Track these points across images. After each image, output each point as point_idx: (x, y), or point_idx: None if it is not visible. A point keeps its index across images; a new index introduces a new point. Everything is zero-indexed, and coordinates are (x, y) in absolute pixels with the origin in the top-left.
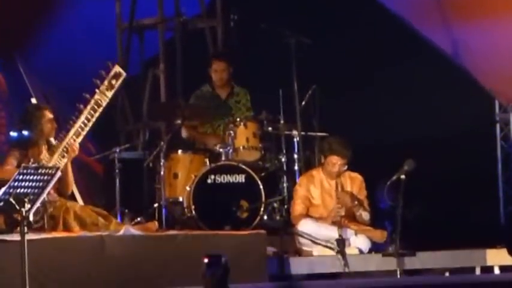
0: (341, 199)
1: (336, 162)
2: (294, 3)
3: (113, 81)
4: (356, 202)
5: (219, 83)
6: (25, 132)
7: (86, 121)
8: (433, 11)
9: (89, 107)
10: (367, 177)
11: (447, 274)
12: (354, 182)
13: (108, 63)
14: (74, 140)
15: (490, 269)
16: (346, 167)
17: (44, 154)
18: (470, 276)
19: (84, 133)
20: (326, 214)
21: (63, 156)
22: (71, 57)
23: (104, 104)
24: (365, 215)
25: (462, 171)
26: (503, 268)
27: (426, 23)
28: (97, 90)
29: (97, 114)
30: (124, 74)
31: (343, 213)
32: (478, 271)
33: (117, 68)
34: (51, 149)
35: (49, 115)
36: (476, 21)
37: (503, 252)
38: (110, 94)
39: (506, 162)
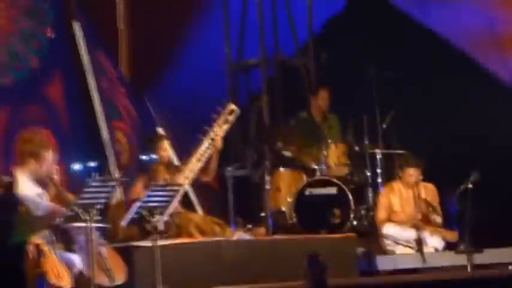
0: (417, 205)
1: (412, 174)
2: (375, 41)
3: (228, 117)
4: (430, 208)
5: (323, 109)
6: (153, 156)
7: (205, 149)
8: (491, 44)
9: (208, 137)
10: (439, 186)
11: (511, 267)
12: (428, 191)
13: (224, 101)
14: (196, 165)
15: None
16: (420, 178)
17: (164, 175)
18: None
19: (203, 159)
20: (405, 219)
21: (187, 177)
22: (189, 91)
23: (220, 135)
24: (438, 219)
25: None
26: None
27: (485, 54)
28: (215, 124)
29: (214, 143)
30: (237, 110)
31: (419, 218)
32: None
33: (231, 106)
34: (177, 170)
35: (166, 146)
36: None
37: None
38: (225, 127)
39: None
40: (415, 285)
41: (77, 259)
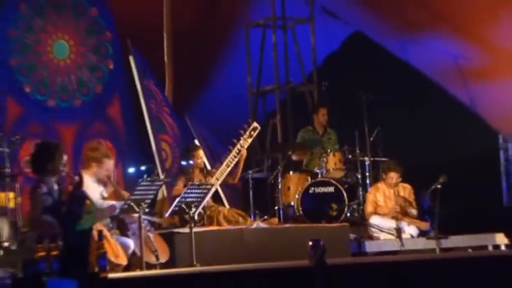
0: (397, 201)
1: (393, 176)
2: (364, 72)
3: (252, 132)
4: (407, 203)
5: (323, 123)
6: (191, 162)
7: (233, 157)
8: (455, 75)
9: (236, 148)
10: (415, 186)
11: (470, 250)
12: (405, 190)
13: (248, 120)
14: (225, 169)
15: (498, 246)
16: (400, 180)
17: (199, 177)
18: (485, 252)
19: (232, 164)
20: (387, 212)
21: (217, 179)
22: (219, 111)
23: (246, 146)
24: (413, 212)
25: (478, 181)
26: (507, 246)
27: (450, 83)
28: (241, 138)
29: (241, 153)
30: (259, 128)
31: (398, 210)
32: (490, 248)
33: (254, 124)
34: (209, 173)
35: (201, 154)
36: (488, 83)
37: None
38: (249, 141)
39: (507, 175)
40: (395, 264)
41: (130, 242)
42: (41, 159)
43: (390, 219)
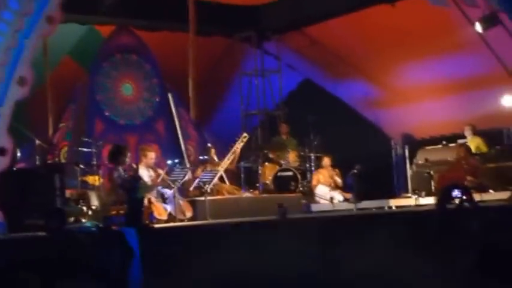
0: (332, 179)
1: (325, 159)
2: (311, 102)
3: (243, 139)
4: (336, 181)
5: (283, 133)
6: (206, 157)
7: (231, 154)
8: (366, 104)
9: (233, 149)
10: (343, 171)
11: (374, 209)
12: (336, 173)
13: (242, 133)
14: (226, 162)
15: (390, 207)
16: (330, 164)
17: (211, 166)
18: (382, 210)
19: (231, 159)
20: (326, 184)
21: (222, 167)
22: (224, 126)
23: (240, 148)
24: (339, 184)
25: (379, 168)
26: (398, 207)
27: (363, 109)
28: (237, 143)
29: (237, 152)
30: (248, 136)
31: (332, 185)
32: (386, 208)
33: (245, 134)
34: (218, 164)
35: (212, 152)
36: (385, 108)
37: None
38: (241, 145)
39: (396, 165)
40: (329, 218)
41: (168, 206)
42: (114, 155)
43: (327, 190)
